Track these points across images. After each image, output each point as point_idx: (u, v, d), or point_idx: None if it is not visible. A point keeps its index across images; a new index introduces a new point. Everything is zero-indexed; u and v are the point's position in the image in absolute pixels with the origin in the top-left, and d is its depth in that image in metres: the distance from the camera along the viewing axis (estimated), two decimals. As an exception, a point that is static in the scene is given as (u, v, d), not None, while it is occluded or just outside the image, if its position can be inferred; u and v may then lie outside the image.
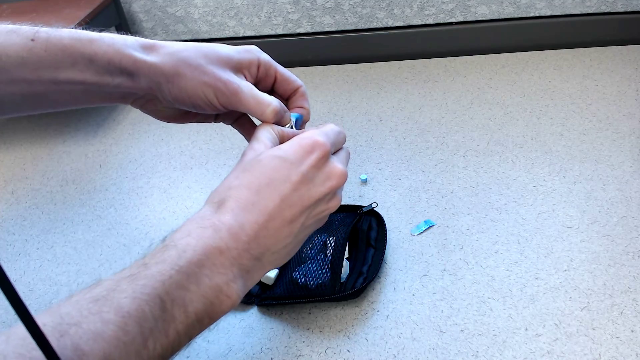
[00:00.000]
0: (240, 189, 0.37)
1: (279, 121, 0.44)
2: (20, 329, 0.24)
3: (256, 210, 0.36)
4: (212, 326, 0.35)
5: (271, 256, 0.38)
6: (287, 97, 0.48)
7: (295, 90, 0.47)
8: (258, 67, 0.45)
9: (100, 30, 0.42)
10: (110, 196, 0.80)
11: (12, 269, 0.69)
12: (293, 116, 0.46)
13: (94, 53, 0.40)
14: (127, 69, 0.41)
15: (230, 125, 0.51)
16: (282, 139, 0.42)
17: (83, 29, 0.41)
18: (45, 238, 0.74)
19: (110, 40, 0.40)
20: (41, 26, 0.40)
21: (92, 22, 0.95)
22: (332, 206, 0.41)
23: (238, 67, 0.43)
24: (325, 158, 0.39)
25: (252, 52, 0.45)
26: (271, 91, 0.47)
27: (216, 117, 0.49)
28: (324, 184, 0.39)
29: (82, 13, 0.93)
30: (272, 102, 0.42)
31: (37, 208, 0.80)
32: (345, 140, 0.44)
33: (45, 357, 0.25)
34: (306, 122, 0.48)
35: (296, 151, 0.38)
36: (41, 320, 0.28)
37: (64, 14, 0.95)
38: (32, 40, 0.39)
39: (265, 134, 0.41)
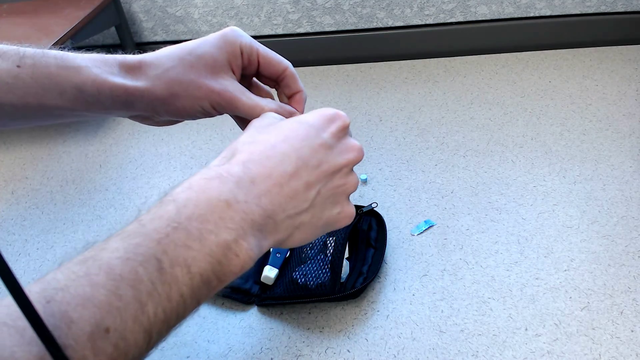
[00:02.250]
0: (254, 144, 0.35)
1: None
2: (6, 298, 0.22)
3: (270, 164, 0.34)
4: (220, 289, 0.32)
5: (287, 220, 0.34)
6: (275, 80, 0.46)
7: (283, 71, 0.45)
8: (242, 56, 0.43)
9: (87, 49, 0.42)
10: (110, 196, 0.80)
11: (12, 269, 0.69)
12: None
13: (82, 83, 0.39)
14: (119, 98, 0.40)
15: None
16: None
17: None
18: (45, 238, 0.74)
19: (96, 66, 0.39)
20: (28, 46, 0.39)
21: (92, 22, 0.95)
22: (351, 183, 0.39)
23: (226, 66, 0.42)
24: (345, 130, 0.39)
25: (232, 41, 0.42)
26: (257, 75, 0.46)
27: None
28: (342, 155, 0.37)
29: (82, 13, 0.93)
30: (268, 104, 0.43)
31: (37, 208, 0.80)
32: None
33: (32, 326, 0.22)
34: (301, 104, 0.47)
35: (317, 118, 0.38)
36: (28, 288, 0.25)
37: (64, 14, 0.95)
38: (18, 66, 0.38)
39: (273, 113, 0.41)
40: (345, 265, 0.60)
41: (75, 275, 0.27)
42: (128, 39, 1.08)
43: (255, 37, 0.46)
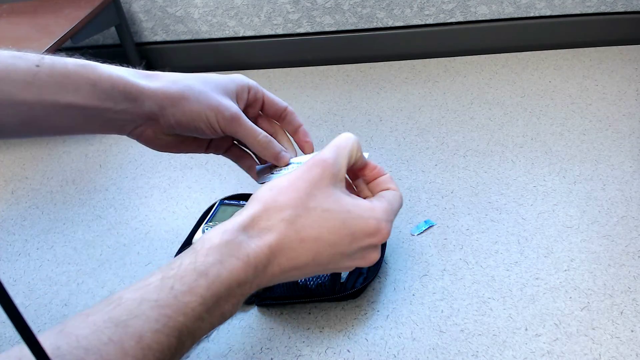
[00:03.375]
0: (290, 226, 0.37)
1: (276, 157, 0.48)
2: (25, 350, 0.23)
3: (288, 257, 0.37)
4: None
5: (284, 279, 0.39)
6: (277, 118, 0.51)
7: (284, 110, 0.50)
8: (248, 92, 0.48)
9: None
10: (110, 196, 0.80)
11: (12, 269, 0.69)
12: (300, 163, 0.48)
13: (98, 78, 0.41)
14: (130, 94, 0.42)
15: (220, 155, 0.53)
16: (356, 163, 0.43)
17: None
18: (45, 238, 0.74)
19: (114, 68, 0.43)
20: (46, 53, 0.42)
21: (92, 22, 0.95)
22: (360, 264, 0.41)
23: (234, 94, 0.47)
24: (376, 247, 0.40)
25: (242, 80, 0.48)
26: (260, 116, 0.52)
27: (207, 147, 0.52)
28: (354, 261, 0.40)
29: (82, 13, 0.93)
30: (263, 132, 0.47)
31: (37, 208, 0.80)
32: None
33: None
34: (306, 136, 0.51)
35: (361, 228, 0.38)
36: (54, 341, 0.27)
37: (64, 14, 0.95)
38: (37, 66, 0.40)
39: (347, 152, 0.40)
40: (345, 265, 0.59)
41: (108, 339, 0.29)
42: (128, 39, 1.08)
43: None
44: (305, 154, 0.51)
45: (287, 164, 0.49)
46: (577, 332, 0.53)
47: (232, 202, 0.68)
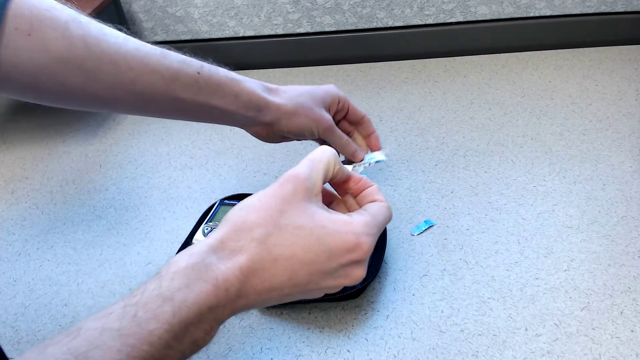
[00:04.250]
0: (261, 245, 0.35)
1: (353, 155, 0.61)
2: None
3: (262, 278, 0.35)
4: None
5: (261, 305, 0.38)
6: (355, 123, 0.64)
7: (361, 118, 0.64)
8: (338, 103, 0.61)
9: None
10: (110, 196, 0.80)
11: (12, 269, 0.69)
12: (372, 158, 0.63)
13: (240, 90, 0.54)
14: (259, 106, 0.55)
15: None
16: (335, 176, 0.41)
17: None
18: (45, 238, 0.74)
19: (251, 82, 0.55)
20: (204, 60, 0.53)
21: (92, 22, 0.95)
22: (343, 284, 0.39)
23: (328, 104, 0.60)
24: (358, 263, 0.38)
25: (335, 92, 0.61)
26: (343, 119, 0.64)
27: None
28: (337, 279, 0.38)
29: (82, 13, 0.93)
30: (345, 136, 0.61)
31: (37, 208, 0.80)
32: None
33: None
34: (377, 141, 0.65)
35: (338, 244, 0.36)
36: None
37: (64, 14, 0.95)
38: (199, 73, 0.51)
39: (323, 166, 0.39)
40: (345, 265, 0.59)
41: None
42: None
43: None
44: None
45: (362, 160, 0.63)
46: (577, 332, 0.53)
47: (232, 202, 0.68)
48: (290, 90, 0.58)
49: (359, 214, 0.39)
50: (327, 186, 0.44)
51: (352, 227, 0.37)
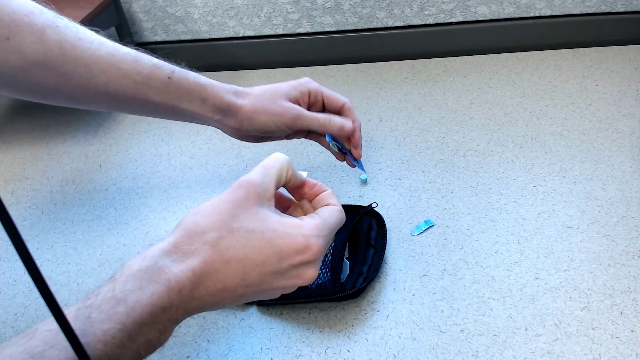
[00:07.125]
0: (214, 248, 0.36)
1: (341, 128, 0.60)
2: None
3: (215, 280, 0.36)
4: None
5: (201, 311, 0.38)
6: (337, 113, 0.63)
7: (341, 106, 0.62)
8: (309, 96, 0.61)
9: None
10: (110, 196, 0.80)
11: (12, 269, 0.69)
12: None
13: (207, 96, 0.57)
14: (223, 110, 0.58)
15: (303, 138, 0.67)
16: (289, 182, 0.42)
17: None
18: (45, 238, 0.74)
19: (217, 86, 0.57)
20: (173, 63, 0.55)
21: (92, 22, 0.95)
22: (296, 284, 0.40)
23: (294, 98, 0.60)
24: (309, 264, 0.39)
25: (304, 85, 0.60)
26: (323, 110, 0.63)
27: (286, 137, 0.64)
28: (289, 280, 0.39)
29: (82, 13, 0.93)
30: (321, 114, 0.60)
31: (37, 208, 0.80)
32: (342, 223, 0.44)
33: None
34: (358, 129, 0.62)
35: (288, 246, 0.37)
36: None
37: (64, 14, 0.94)
38: (169, 77, 0.54)
39: (275, 172, 0.40)
40: (345, 265, 0.60)
41: None
42: (128, 39, 1.08)
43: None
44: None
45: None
46: (577, 332, 0.53)
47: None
48: (255, 90, 0.60)
49: (311, 217, 0.40)
50: (286, 192, 0.46)
51: (302, 229, 0.38)
